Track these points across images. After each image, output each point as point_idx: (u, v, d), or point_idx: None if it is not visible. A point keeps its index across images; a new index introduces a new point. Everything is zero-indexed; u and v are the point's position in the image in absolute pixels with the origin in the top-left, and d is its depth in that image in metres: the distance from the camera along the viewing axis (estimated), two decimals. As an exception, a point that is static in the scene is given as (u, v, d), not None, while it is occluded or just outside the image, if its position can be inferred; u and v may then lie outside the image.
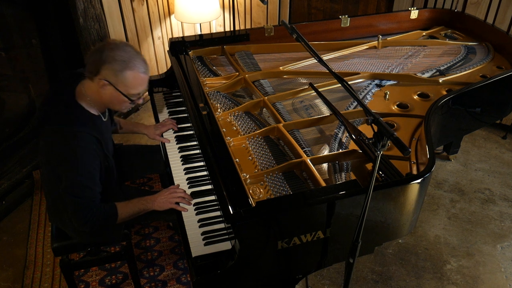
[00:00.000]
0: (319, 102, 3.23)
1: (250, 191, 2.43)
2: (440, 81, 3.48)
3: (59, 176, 2.53)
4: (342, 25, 4.13)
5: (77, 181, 2.47)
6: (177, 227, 3.67)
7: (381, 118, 1.94)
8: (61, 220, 2.85)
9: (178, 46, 3.70)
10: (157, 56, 5.62)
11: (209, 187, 2.81)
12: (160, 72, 5.01)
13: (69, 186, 2.48)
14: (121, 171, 3.24)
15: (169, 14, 5.52)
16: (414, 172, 2.57)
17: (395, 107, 3.23)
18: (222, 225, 2.56)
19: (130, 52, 2.48)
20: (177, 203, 2.70)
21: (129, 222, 2.78)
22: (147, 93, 3.06)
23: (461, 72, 3.60)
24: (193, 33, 5.75)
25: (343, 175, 2.57)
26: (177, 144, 3.18)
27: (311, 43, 2.63)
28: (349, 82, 2.45)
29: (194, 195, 2.76)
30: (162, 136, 3.28)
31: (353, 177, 2.55)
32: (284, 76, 3.56)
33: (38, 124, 2.61)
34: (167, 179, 2.99)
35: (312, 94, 3.30)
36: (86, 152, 2.48)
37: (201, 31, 5.58)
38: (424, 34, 4.31)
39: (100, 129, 2.62)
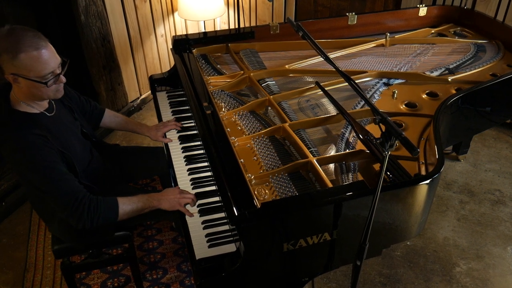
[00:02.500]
0: (325, 101, 3.23)
1: (255, 192, 2.43)
2: (449, 79, 3.48)
3: (29, 183, 2.54)
4: (349, 23, 4.14)
5: (45, 181, 2.46)
6: (180, 228, 3.68)
7: (389, 118, 1.94)
8: (47, 223, 2.87)
9: (181, 44, 3.71)
10: (160, 54, 5.63)
11: (213, 188, 2.82)
12: (163, 71, 5.01)
13: (42, 188, 2.49)
14: (122, 172, 3.25)
15: (173, 12, 5.53)
16: (423, 172, 2.56)
17: (403, 106, 3.23)
18: (226, 227, 2.57)
19: (16, 35, 2.33)
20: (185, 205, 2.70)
21: (131, 224, 2.78)
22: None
23: (471, 70, 3.60)
24: (197, 31, 5.76)
25: (350, 175, 2.57)
26: (180, 144, 3.19)
27: (317, 41, 2.64)
28: (356, 81, 2.45)
29: (198, 196, 2.76)
30: (165, 136, 3.29)
31: (360, 177, 2.55)
32: (290, 75, 3.56)
33: None
34: (170, 180, 2.99)
35: (319, 93, 3.30)
36: (35, 150, 2.43)
37: (205, 29, 5.58)
38: (432, 31, 4.30)
39: (47, 126, 2.55)
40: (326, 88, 2.96)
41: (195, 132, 3.28)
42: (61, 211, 2.52)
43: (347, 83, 2.36)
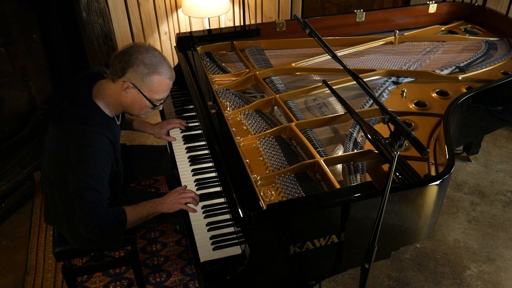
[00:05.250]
0: (333, 100, 3.24)
1: (261, 193, 2.44)
2: (460, 78, 3.48)
3: (65, 176, 2.53)
4: (357, 20, 4.14)
5: (86, 183, 2.46)
6: (184, 231, 3.68)
7: (398, 117, 1.94)
8: (58, 222, 2.86)
9: (185, 42, 3.71)
10: (163, 52, 5.61)
11: (218, 189, 2.82)
12: (167, 69, 5.01)
13: (78, 188, 2.48)
14: (126, 173, 3.25)
15: (176, 8, 5.53)
16: (433, 173, 2.57)
17: (413, 105, 3.23)
18: (231, 229, 2.57)
19: (158, 57, 2.55)
20: (186, 204, 2.71)
21: (134, 225, 2.79)
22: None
23: (482, 68, 3.60)
24: (201, 28, 5.75)
25: (358, 176, 2.57)
26: (184, 144, 3.19)
27: (324, 38, 2.64)
28: (364, 79, 2.45)
29: (203, 197, 2.77)
30: (168, 134, 3.29)
31: (368, 178, 2.55)
32: (297, 73, 3.57)
33: (49, 120, 2.62)
34: (174, 181, 3.00)
35: (326, 91, 3.30)
36: (98, 153, 2.49)
37: (209, 26, 5.57)
38: (443, 29, 4.30)
39: (114, 131, 2.64)
40: (333, 87, 2.97)
41: (199, 132, 3.28)
42: (79, 216, 2.53)
43: (355, 82, 2.37)
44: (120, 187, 2.80)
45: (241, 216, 2.22)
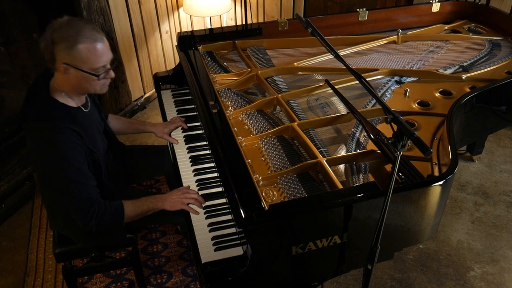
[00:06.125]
0: (335, 99, 3.23)
1: (263, 194, 2.44)
2: (463, 77, 3.48)
3: (48, 176, 2.54)
4: (359, 19, 4.14)
5: (66, 178, 2.46)
6: (185, 231, 3.68)
7: (401, 117, 1.94)
8: (58, 225, 2.86)
9: (187, 41, 3.71)
10: (164, 52, 5.63)
11: (220, 189, 2.82)
12: (168, 68, 5.02)
13: (61, 186, 2.49)
14: (126, 173, 3.25)
15: (178, 7, 5.54)
16: (436, 173, 2.56)
17: (416, 105, 3.23)
18: (233, 230, 2.57)
19: (76, 26, 2.40)
20: (189, 204, 2.70)
21: (135, 226, 2.78)
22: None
23: (485, 68, 3.60)
24: (202, 27, 5.75)
25: (361, 176, 2.57)
26: (185, 144, 3.19)
27: (327, 37, 2.64)
28: (367, 79, 2.46)
29: (204, 197, 2.76)
30: (170, 135, 3.29)
31: (371, 179, 2.55)
32: (299, 73, 3.57)
33: (19, 126, 2.60)
34: (175, 181, 2.99)
35: (328, 91, 3.30)
36: (67, 146, 2.45)
37: (211, 25, 5.58)
38: (446, 28, 4.30)
39: (81, 121, 2.58)
40: (336, 86, 2.96)
41: (201, 131, 3.28)
42: (72, 211, 2.54)
43: (357, 81, 2.36)
44: (105, 177, 2.77)
45: (243, 216, 2.22)
